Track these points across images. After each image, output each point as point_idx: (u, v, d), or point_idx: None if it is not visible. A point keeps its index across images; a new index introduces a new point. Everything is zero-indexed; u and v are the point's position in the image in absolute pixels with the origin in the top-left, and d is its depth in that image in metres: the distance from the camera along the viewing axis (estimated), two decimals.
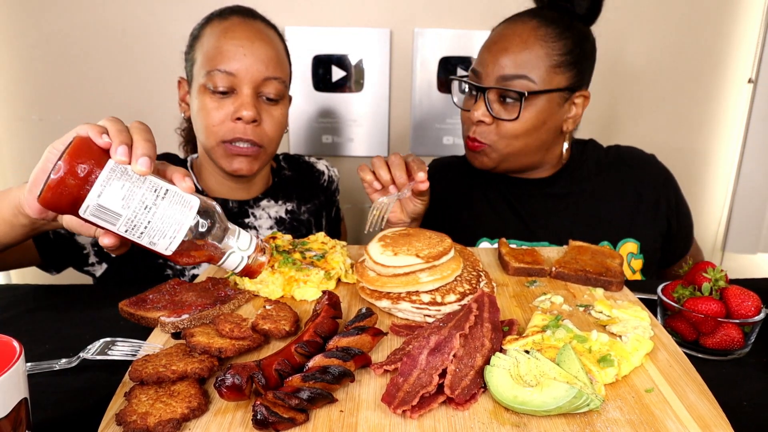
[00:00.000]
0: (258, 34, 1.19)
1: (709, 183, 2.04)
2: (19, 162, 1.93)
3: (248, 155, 1.20)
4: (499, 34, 1.24)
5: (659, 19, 1.86)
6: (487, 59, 1.21)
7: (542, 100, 1.20)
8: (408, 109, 1.94)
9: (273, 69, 1.18)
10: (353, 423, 0.57)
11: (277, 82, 1.20)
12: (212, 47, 1.17)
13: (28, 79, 1.86)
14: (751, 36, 1.88)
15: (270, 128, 1.21)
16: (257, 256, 0.69)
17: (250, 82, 1.16)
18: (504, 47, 1.20)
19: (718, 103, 1.96)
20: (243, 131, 1.17)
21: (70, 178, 0.59)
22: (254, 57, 1.16)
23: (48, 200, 0.59)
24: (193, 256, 0.65)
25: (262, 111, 1.19)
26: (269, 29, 1.24)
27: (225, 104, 1.17)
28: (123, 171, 0.61)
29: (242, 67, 1.15)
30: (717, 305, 0.78)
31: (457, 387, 0.60)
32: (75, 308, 0.95)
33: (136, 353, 0.74)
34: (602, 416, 0.58)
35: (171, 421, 0.55)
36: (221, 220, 0.67)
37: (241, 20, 1.20)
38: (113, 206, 0.60)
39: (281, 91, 1.21)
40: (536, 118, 1.21)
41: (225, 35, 1.17)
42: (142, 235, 0.62)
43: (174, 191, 0.64)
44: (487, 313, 0.75)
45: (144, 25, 1.82)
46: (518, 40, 1.19)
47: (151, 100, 1.89)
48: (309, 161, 1.52)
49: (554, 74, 1.20)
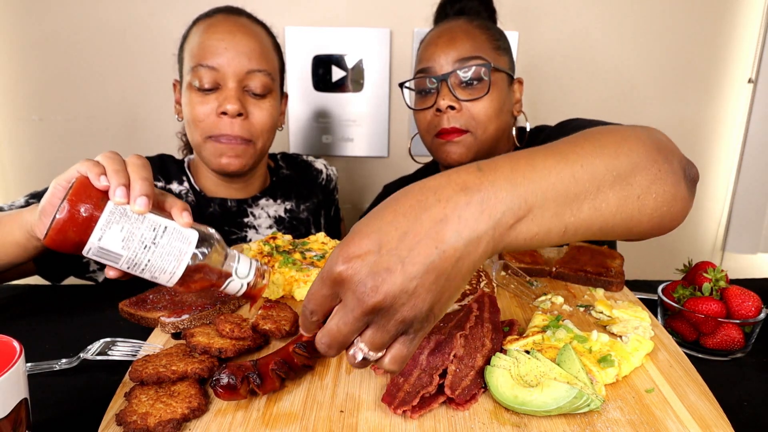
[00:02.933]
0: (240, 28, 1.18)
1: (709, 183, 2.04)
2: (19, 162, 1.93)
3: (236, 151, 1.19)
4: (437, 33, 1.23)
5: (659, 19, 1.86)
6: (435, 52, 1.20)
7: (499, 80, 1.20)
8: (408, 109, 1.94)
9: (257, 62, 1.17)
10: (353, 423, 0.57)
11: (262, 75, 1.18)
12: (196, 44, 1.17)
13: (28, 79, 1.86)
14: (751, 36, 1.88)
15: (258, 122, 1.20)
16: (257, 281, 0.70)
17: (233, 75, 1.15)
18: (450, 38, 1.20)
19: (718, 103, 1.96)
20: (229, 126, 1.16)
21: (71, 223, 0.60)
22: (236, 50, 1.16)
23: (53, 241, 0.61)
24: (195, 286, 0.66)
25: (248, 105, 1.18)
26: (254, 24, 1.23)
27: (209, 100, 1.16)
28: (122, 212, 0.63)
29: (224, 61, 1.15)
30: (717, 305, 0.78)
31: (458, 387, 0.60)
32: (75, 308, 0.95)
33: (136, 353, 0.74)
34: (603, 416, 0.58)
35: (171, 421, 0.55)
36: (221, 248, 0.67)
37: (225, 17, 1.20)
38: (114, 248, 0.62)
39: (267, 84, 1.20)
40: (500, 97, 1.20)
41: (208, 31, 1.17)
42: (143, 271, 0.64)
43: (172, 228, 0.64)
44: (488, 313, 0.75)
45: (144, 25, 1.82)
46: (459, 31, 1.20)
47: (151, 100, 1.89)
48: (307, 160, 1.52)
49: (498, 56, 1.22)
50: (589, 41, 1.87)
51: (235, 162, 1.20)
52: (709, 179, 2.04)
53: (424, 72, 1.22)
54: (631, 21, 1.86)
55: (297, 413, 0.59)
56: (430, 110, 1.22)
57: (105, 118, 1.91)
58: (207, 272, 0.66)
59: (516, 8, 1.80)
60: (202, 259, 0.65)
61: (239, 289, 0.69)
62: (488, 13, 1.36)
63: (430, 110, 1.22)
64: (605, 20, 1.87)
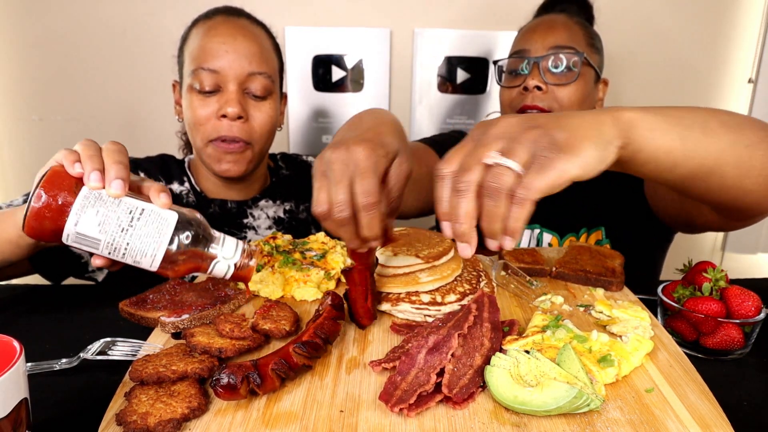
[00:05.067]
0: (240, 30, 1.18)
1: None
2: (19, 162, 1.93)
3: (236, 154, 1.19)
4: (537, 22, 1.30)
5: (659, 19, 1.86)
6: (533, 37, 1.26)
7: (587, 73, 1.27)
8: (408, 109, 1.94)
9: (257, 64, 1.17)
10: (353, 423, 0.57)
11: (263, 77, 1.18)
12: (197, 47, 1.17)
13: (28, 79, 1.86)
14: (751, 36, 1.88)
15: (258, 125, 1.20)
16: (245, 261, 0.69)
17: (234, 78, 1.15)
18: (550, 26, 1.27)
19: (718, 103, 1.96)
20: (229, 128, 1.16)
21: (46, 210, 0.60)
22: (237, 53, 1.15)
23: (31, 230, 0.61)
24: (179, 269, 0.66)
25: (249, 107, 1.18)
26: (254, 25, 1.23)
27: (210, 102, 1.16)
28: (97, 197, 0.62)
29: (225, 63, 1.15)
30: (717, 305, 0.78)
31: (455, 386, 0.60)
32: (75, 308, 0.95)
33: (136, 353, 0.74)
34: (602, 416, 0.58)
35: (171, 421, 0.55)
36: (204, 230, 0.67)
37: (225, 18, 1.20)
38: (91, 233, 0.61)
39: (268, 86, 1.20)
40: (584, 89, 1.27)
41: (208, 34, 1.17)
42: (124, 256, 0.63)
43: (150, 209, 0.64)
44: (487, 313, 0.75)
45: (144, 25, 1.82)
46: (559, 22, 1.28)
47: (151, 100, 1.89)
48: (306, 160, 1.52)
49: (591, 52, 1.29)
50: None
51: (234, 168, 1.20)
52: None
53: (519, 53, 1.28)
54: (630, 21, 1.86)
55: (297, 413, 0.59)
56: (516, 88, 1.28)
57: (105, 118, 1.91)
58: (191, 255, 0.65)
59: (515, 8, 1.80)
60: (184, 240, 0.64)
61: (226, 270, 0.68)
62: (587, 17, 1.41)
63: (516, 88, 1.28)
64: (605, 20, 1.87)
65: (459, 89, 1.92)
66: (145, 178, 0.72)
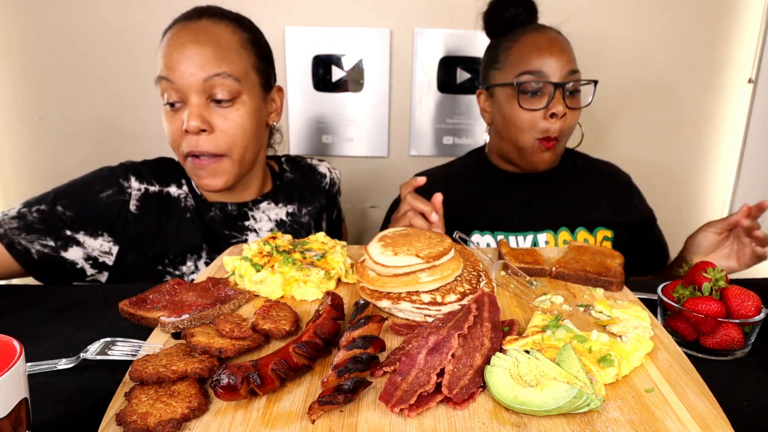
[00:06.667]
0: (193, 36, 1.12)
1: (709, 183, 2.04)
2: (19, 162, 1.93)
3: (210, 169, 1.16)
4: (544, 40, 1.32)
5: (659, 19, 1.86)
6: (548, 59, 1.29)
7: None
8: (408, 109, 1.94)
9: (212, 66, 1.10)
10: (353, 423, 0.57)
11: (222, 78, 1.11)
12: (158, 57, 1.15)
13: (28, 79, 1.86)
14: (751, 36, 1.88)
15: (227, 134, 1.14)
16: None
17: (190, 87, 1.10)
18: (560, 48, 1.31)
19: (718, 103, 1.96)
20: (195, 143, 1.12)
21: None
22: (188, 60, 1.10)
23: None
24: None
25: (213, 117, 1.13)
26: (215, 24, 1.15)
27: (178, 116, 1.13)
28: None
29: (177, 74, 1.10)
30: (717, 305, 0.78)
31: (455, 386, 0.60)
32: (75, 308, 0.95)
33: (136, 353, 0.74)
34: (602, 416, 0.58)
35: (171, 421, 0.55)
36: None
37: (183, 24, 1.15)
38: None
39: (232, 87, 1.12)
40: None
41: (168, 43, 1.14)
42: None
43: None
44: (487, 313, 0.75)
45: (144, 25, 1.82)
46: (564, 42, 1.33)
47: (151, 100, 1.89)
48: (311, 164, 1.49)
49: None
50: (588, 41, 1.87)
51: (213, 181, 1.17)
52: (709, 179, 2.04)
53: (536, 74, 1.29)
54: (630, 21, 1.86)
55: (297, 413, 0.59)
56: (538, 112, 1.30)
57: (105, 119, 1.91)
58: None
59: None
60: None
61: None
62: (532, 20, 1.43)
63: (538, 112, 1.30)
64: (604, 20, 1.87)
65: (459, 89, 1.92)
66: None
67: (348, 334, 0.70)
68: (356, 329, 0.70)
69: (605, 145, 1.99)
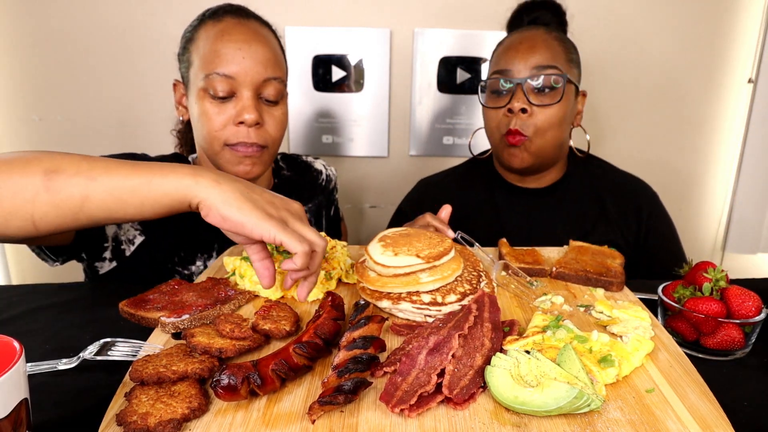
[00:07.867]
0: (255, 35, 1.17)
1: (709, 183, 2.04)
2: None
3: (253, 159, 1.20)
4: (517, 39, 1.30)
5: (659, 19, 1.86)
6: (515, 57, 1.27)
7: (569, 90, 1.28)
8: (408, 109, 1.94)
9: (272, 69, 1.18)
10: (353, 423, 0.57)
11: (277, 82, 1.19)
12: (209, 50, 1.15)
13: (28, 79, 1.86)
14: (751, 36, 1.88)
15: (273, 129, 1.21)
16: None
17: (250, 84, 1.15)
18: (531, 45, 1.27)
19: (718, 103, 1.96)
20: (246, 135, 1.17)
21: None
22: (253, 59, 1.15)
23: None
24: None
25: (263, 112, 1.19)
26: (264, 28, 1.22)
27: (226, 108, 1.16)
28: None
29: (241, 69, 1.14)
30: (717, 305, 0.78)
31: (456, 387, 0.60)
32: (75, 308, 0.95)
33: (136, 353, 0.74)
34: (603, 416, 0.58)
35: (171, 421, 0.55)
36: None
37: (237, 21, 1.19)
38: None
39: (281, 90, 1.21)
40: (565, 107, 1.28)
41: (222, 38, 1.15)
42: None
43: None
44: (488, 313, 0.75)
45: (144, 25, 1.82)
46: (540, 40, 1.28)
47: (151, 100, 1.89)
48: (306, 161, 1.52)
49: (570, 67, 1.29)
50: (587, 41, 1.87)
51: (253, 170, 1.22)
52: (709, 179, 2.04)
53: (501, 74, 1.28)
54: (630, 21, 1.86)
55: (297, 413, 0.59)
56: (501, 110, 1.28)
57: (105, 118, 1.91)
58: None
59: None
60: None
61: None
62: (561, 25, 1.41)
63: (501, 110, 1.28)
64: (604, 20, 1.87)
65: (459, 89, 1.92)
66: None
67: (348, 335, 0.70)
68: (356, 329, 0.70)
69: (605, 144, 1.99)
